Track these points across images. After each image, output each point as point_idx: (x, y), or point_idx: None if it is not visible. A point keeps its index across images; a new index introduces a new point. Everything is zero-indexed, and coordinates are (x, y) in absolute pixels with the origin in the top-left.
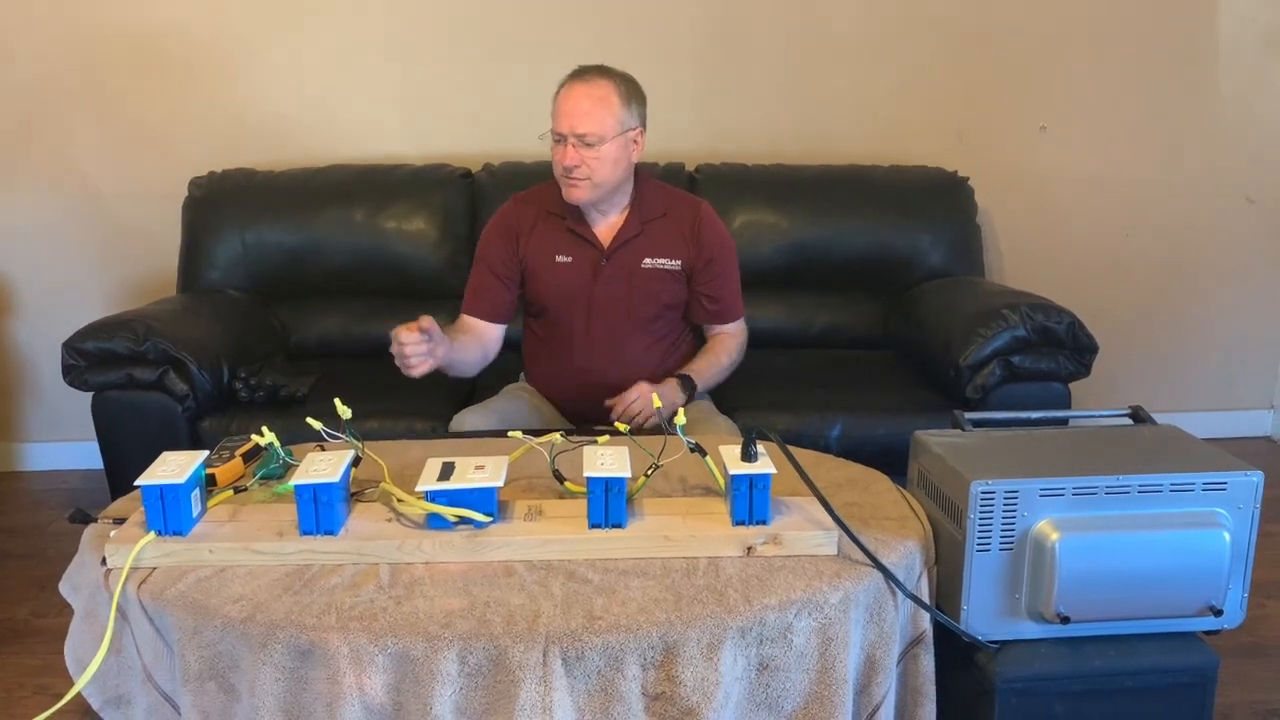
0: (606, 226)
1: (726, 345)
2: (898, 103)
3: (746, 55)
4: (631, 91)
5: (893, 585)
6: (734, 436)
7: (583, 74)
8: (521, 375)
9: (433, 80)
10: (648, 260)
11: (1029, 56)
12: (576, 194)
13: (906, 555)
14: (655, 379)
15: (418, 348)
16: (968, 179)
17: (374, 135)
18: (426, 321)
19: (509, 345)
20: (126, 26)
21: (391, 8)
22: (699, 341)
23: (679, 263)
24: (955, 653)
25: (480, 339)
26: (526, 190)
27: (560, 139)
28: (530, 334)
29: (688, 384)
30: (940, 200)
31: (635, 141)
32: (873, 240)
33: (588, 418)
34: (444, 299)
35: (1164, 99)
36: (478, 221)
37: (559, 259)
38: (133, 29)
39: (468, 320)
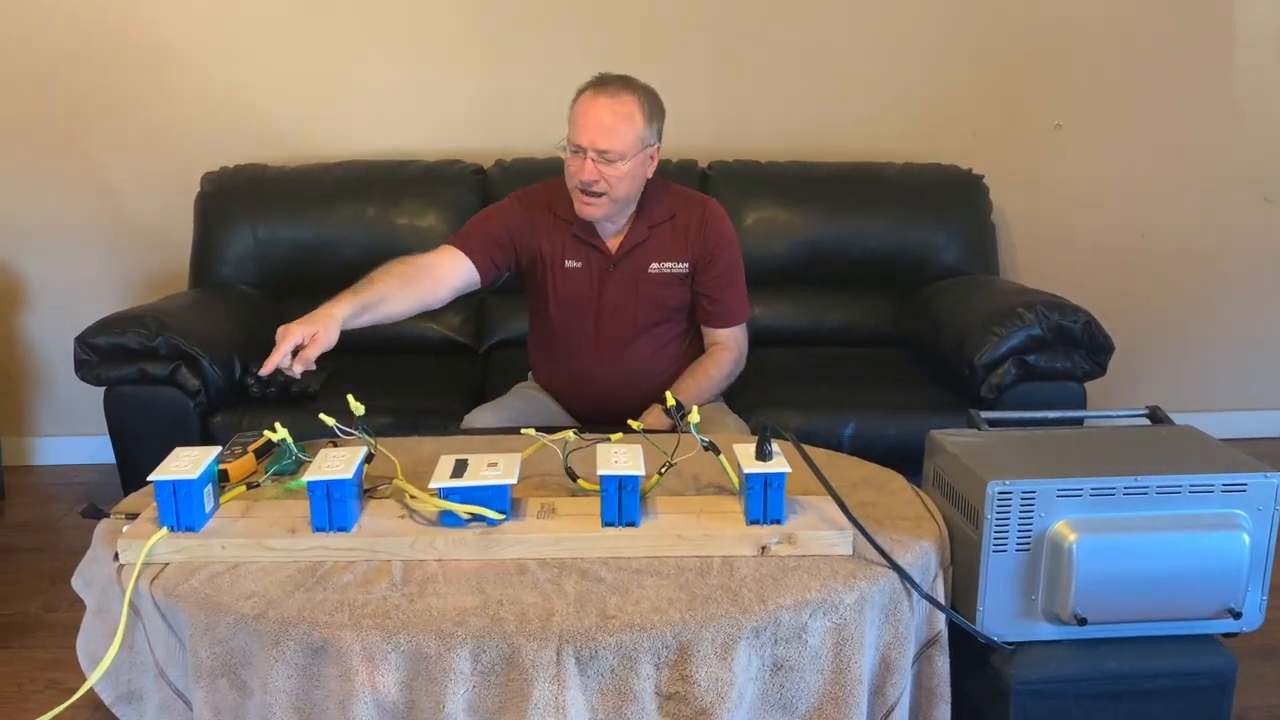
0: (614, 233)
1: (718, 359)
2: (912, 100)
3: (760, 51)
4: (654, 107)
5: (908, 586)
6: (744, 435)
7: (606, 86)
8: (529, 375)
9: (445, 76)
10: (654, 265)
11: (1045, 54)
12: (590, 212)
13: (922, 555)
14: (664, 383)
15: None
16: (982, 177)
17: (386, 131)
18: (311, 351)
19: (516, 343)
20: (139, 21)
21: (405, 3)
22: None
23: (686, 265)
24: (971, 654)
25: (438, 280)
26: (531, 189)
27: (579, 151)
28: (536, 336)
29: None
30: (955, 198)
31: (652, 157)
32: (886, 238)
33: (595, 420)
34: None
35: (1181, 97)
36: None
37: (569, 264)
38: (146, 24)
39: (445, 254)
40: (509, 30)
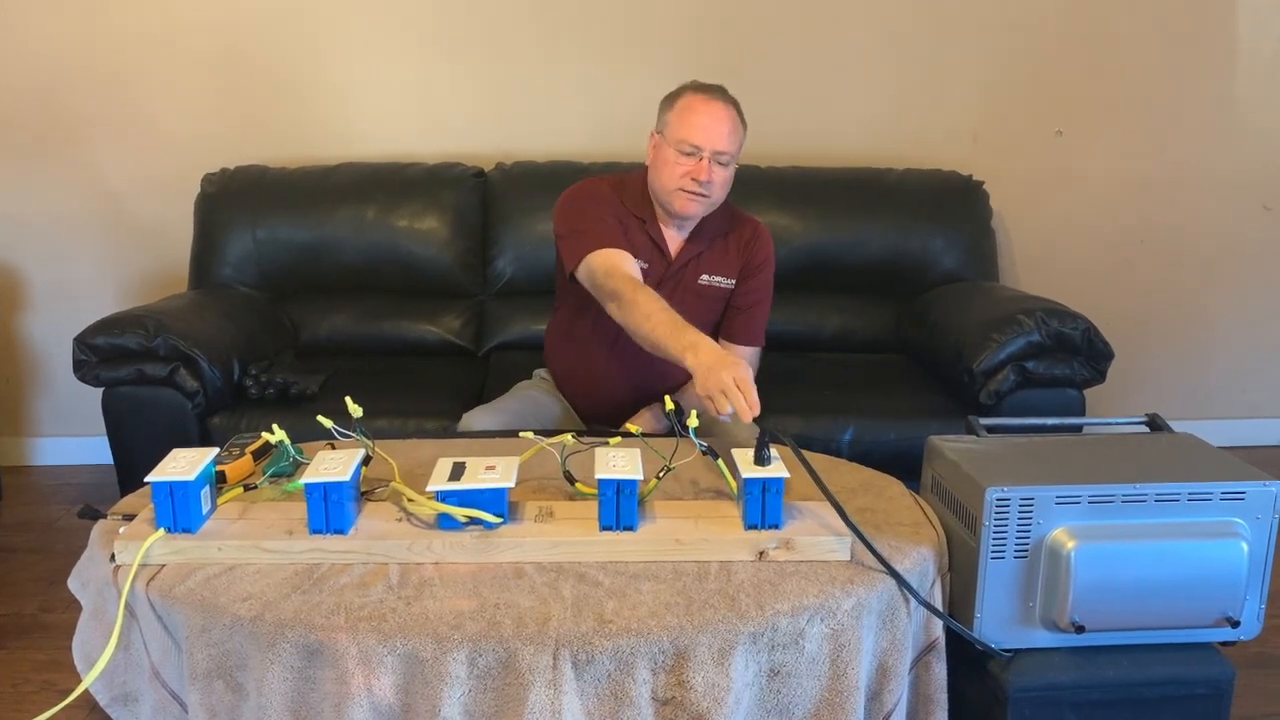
0: (680, 240)
1: None
2: (913, 105)
3: (761, 57)
4: (743, 117)
5: (906, 592)
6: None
7: (713, 92)
8: (535, 372)
9: (446, 79)
10: (705, 276)
11: (1045, 60)
12: (694, 208)
13: (920, 562)
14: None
15: None
16: (982, 183)
17: (387, 133)
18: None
19: (516, 346)
20: (142, 22)
21: (405, 7)
22: None
23: (733, 281)
24: (968, 661)
25: None
26: (613, 176)
27: (694, 152)
28: (562, 328)
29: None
30: (955, 204)
31: None
32: (886, 243)
33: (601, 419)
34: (455, 297)
35: (1180, 105)
36: (489, 220)
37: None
38: (148, 25)
39: (626, 259)
40: (509, 33)
